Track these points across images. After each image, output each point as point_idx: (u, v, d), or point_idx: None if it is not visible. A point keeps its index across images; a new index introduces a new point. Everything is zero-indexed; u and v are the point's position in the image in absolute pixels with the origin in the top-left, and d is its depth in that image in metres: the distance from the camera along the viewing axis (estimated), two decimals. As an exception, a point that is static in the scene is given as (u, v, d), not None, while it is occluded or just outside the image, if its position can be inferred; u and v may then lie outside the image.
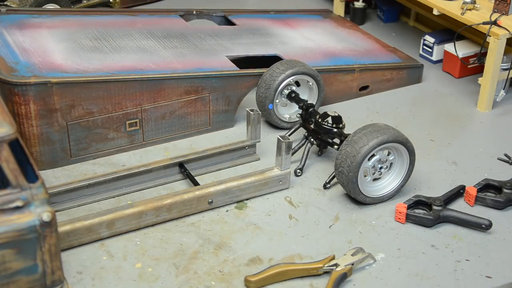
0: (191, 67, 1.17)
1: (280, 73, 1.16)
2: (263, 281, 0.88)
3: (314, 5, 1.73)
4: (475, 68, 1.41)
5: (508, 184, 1.05)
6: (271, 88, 1.16)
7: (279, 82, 1.16)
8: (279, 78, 1.16)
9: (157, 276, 0.90)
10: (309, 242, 0.97)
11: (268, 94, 1.17)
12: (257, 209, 1.03)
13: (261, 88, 1.18)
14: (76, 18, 1.30)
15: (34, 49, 1.15)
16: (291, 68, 1.17)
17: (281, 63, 1.18)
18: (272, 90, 1.16)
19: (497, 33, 1.26)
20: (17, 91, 1.03)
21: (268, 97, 1.17)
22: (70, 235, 0.92)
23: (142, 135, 1.15)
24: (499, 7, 1.31)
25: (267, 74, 1.18)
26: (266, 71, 1.18)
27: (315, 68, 1.23)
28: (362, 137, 0.97)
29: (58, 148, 1.09)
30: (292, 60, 1.20)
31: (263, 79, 1.18)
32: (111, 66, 1.13)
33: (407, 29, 1.65)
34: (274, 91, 1.17)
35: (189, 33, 1.31)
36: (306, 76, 1.19)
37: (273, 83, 1.16)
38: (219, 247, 0.95)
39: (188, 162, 1.09)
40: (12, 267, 0.76)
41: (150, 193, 1.05)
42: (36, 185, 0.75)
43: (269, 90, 1.17)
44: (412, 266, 0.93)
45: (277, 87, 1.17)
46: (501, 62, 1.28)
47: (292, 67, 1.17)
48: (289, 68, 1.17)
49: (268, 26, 1.42)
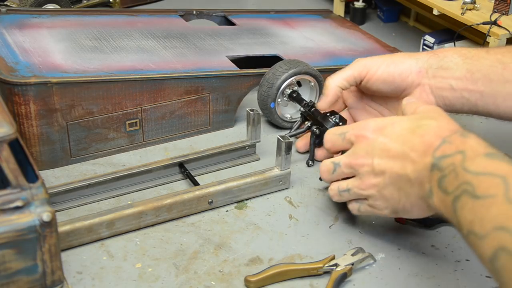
0: (191, 67, 1.17)
1: (282, 72, 1.16)
2: (263, 281, 0.88)
3: (314, 5, 1.73)
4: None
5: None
6: (274, 87, 1.16)
7: (281, 81, 1.16)
8: (281, 77, 1.16)
9: (157, 276, 0.90)
10: (309, 242, 0.97)
11: (271, 93, 1.17)
12: (257, 209, 1.03)
13: (263, 86, 1.18)
14: (76, 18, 1.30)
15: (34, 49, 1.14)
16: (293, 67, 1.17)
17: (283, 63, 1.18)
18: (274, 89, 1.16)
19: (497, 33, 1.26)
20: (17, 91, 1.03)
21: (270, 96, 1.17)
22: (70, 235, 0.92)
23: (142, 135, 1.15)
24: (499, 7, 1.31)
25: (269, 73, 1.18)
26: (269, 70, 1.18)
27: (315, 68, 1.23)
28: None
29: (58, 148, 1.09)
30: (294, 60, 1.19)
31: (265, 78, 1.18)
32: (111, 66, 1.13)
33: (407, 29, 1.65)
34: (276, 90, 1.17)
35: (189, 33, 1.31)
36: (308, 75, 1.19)
37: (276, 82, 1.16)
38: (219, 247, 0.95)
39: (188, 162, 1.09)
40: (12, 267, 0.76)
41: (150, 193, 1.05)
42: (36, 185, 0.75)
43: (271, 89, 1.16)
44: (412, 266, 0.93)
45: (279, 86, 1.16)
46: (501, 62, 1.28)
47: (295, 67, 1.17)
48: (292, 68, 1.17)
49: (268, 26, 1.42)
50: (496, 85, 1.00)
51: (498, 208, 0.68)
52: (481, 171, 0.74)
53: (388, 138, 0.87)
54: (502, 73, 0.99)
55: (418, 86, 1.04)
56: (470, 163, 0.75)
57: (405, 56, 1.06)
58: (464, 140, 0.80)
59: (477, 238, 0.70)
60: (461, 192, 0.74)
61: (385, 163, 0.87)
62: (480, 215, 0.70)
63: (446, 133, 0.82)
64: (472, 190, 0.72)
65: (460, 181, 0.75)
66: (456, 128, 0.83)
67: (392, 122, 0.89)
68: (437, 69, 1.03)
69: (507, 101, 1.00)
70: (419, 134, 0.84)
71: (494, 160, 0.75)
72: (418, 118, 0.87)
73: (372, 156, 0.88)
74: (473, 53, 1.03)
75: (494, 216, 0.68)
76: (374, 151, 0.88)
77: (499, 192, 0.69)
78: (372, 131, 0.89)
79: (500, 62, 1.00)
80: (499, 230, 0.67)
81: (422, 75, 1.04)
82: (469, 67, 1.01)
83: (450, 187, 0.76)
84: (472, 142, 0.79)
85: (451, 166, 0.77)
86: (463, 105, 1.03)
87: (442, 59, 1.03)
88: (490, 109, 1.02)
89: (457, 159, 0.77)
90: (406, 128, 0.86)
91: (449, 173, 0.77)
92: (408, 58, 1.05)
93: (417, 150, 0.83)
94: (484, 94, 1.00)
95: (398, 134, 0.87)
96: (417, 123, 0.86)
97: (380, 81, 1.05)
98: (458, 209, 0.74)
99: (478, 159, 0.75)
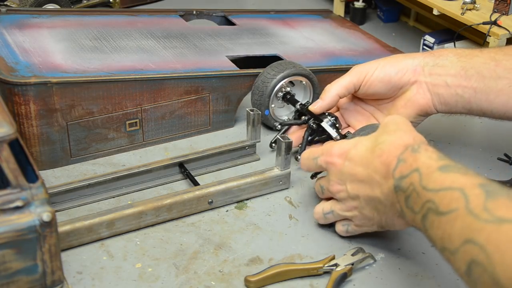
0: (191, 67, 1.17)
1: (271, 78, 1.15)
2: (263, 281, 0.88)
3: (314, 5, 1.73)
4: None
5: (508, 184, 1.05)
6: (265, 94, 1.15)
7: (271, 88, 1.15)
8: (271, 83, 1.15)
9: (157, 276, 0.90)
10: (309, 242, 0.96)
11: (263, 100, 1.16)
12: (257, 209, 1.03)
13: (255, 95, 1.17)
14: (76, 18, 1.30)
15: (34, 49, 1.14)
16: (281, 71, 1.15)
17: (271, 67, 1.17)
18: (266, 96, 1.15)
19: (497, 33, 1.26)
20: (17, 91, 1.03)
21: (263, 104, 1.16)
22: (70, 235, 0.92)
23: (142, 135, 1.15)
24: (499, 7, 1.31)
25: (259, 81, 1.16)
26: (258, 76, 1.17)
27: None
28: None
29: (58, 148, 1.09)
30: (283, 62, 1.18)
31: (255, 86, 1.17)
32: (111, 66, 1.13)
33: (407, 29, 1.65)
34: (268, 97, 1.15)
35: (189, 33, 1.31)
36: (298, 76, 1.17)
37: (266, 89, 1.15)
38: (219, 247, 0.95)
39: (188, 162, 1.09)
40: (12, 267, 0.76)
41: (150, 193, 1.05)
42: (36, 185, 0.75)
43: (262, 96, 1.15)
44: (412, 266, 0.93)
45: (270, 93, 1.15)
46: (501, 62, 1.28)
47: (283, 70, 1.16)
48: (280, 72, 1.15)
49: (268, 26, 1.42)
50: (489, 81, 1.01)
51: (462, 221, 0.69)
52: (439, 187, 0.74)
53: (353, 162, 0.88)
54: (494, 70, 1.01)
55: (414, 83, 1.05)
56: (427, 181, 0.76)
57: (401, 57, 1.08)
58: (415, 156, 0.80)
59: (450, 253, 0.71)
60: (426, 210, 0.75)
61: (357, 187, 0.88)
62: (448, 231, 0.71)
63: (399, 150, 0.82)
64: (435, 207, 0.74)
65: (423, 200, 0.76)
66: (409, 142, 0.83)
67: (355, 144, 0.89)
68: (433, 67, 1.04)
69: (500, 97, 1.01)
70: (377, 154, 0.85)
71: (448, 173, 0.75)
72: (377, 135, 0.88)
73: (344, 182, 0.89)
74: (468, 52, 1.05)
75: (459, 230, 0.69)
76: (344, 176, 0.89)
77: (460, 205, 0.70)
78: (338, 156, 0.90)
79: (493, 59, 1.02)
80: (467, 244, 0.67)
81: (418, 72, 1.05)
82: (463, 65, 1.03)
83: (415, 206, 0.78)
84: (424, 158, 0.79)
85: (411, 186, 0.78)
86: (457, 102, 1.03)
87: (438, 58, 1.05)
88: (483, 107, 1.02)
89: (415, 179, 0.78)
90: (366, 149, 0.87)
91: (411, 193, 0.78)
92: (404, 58, 1.07)
93: (379, 172, 0.84)
94: (477, 90, 1.01)
95: (360, 156, 0.87)
96: (375, 141, 0.86)
97: (377, 82, 1.05)
98: (428, 228, 0.75)
99: (433, 175, 0.76)
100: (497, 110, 1.02)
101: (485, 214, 0.68)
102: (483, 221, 0.67)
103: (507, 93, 1.00)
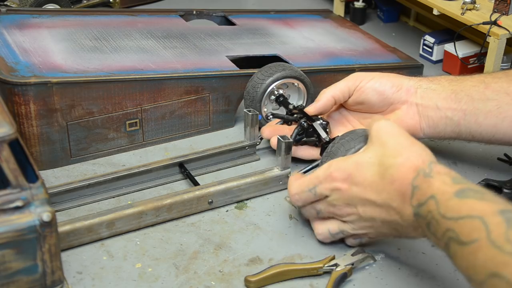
0: (191, 67, 1.17)
1: (260, 83, 1.14)
2: (263, 281, 0.88)
3: (314, 5, 1.73)
4: (475, 68, 1.41)
5: (508, 184, 1.04)
6: (255, 100, 1.15)
7: (261, 93, 1.14)
8: (260, 88, 1.14)
9: (157, 276, 0.90)
10: (309, 242, 0.96)
11: (254, 106, 1.15)
12: (257, 209, 1.03)
13: (246, 101, 1.16)
14: (76, 18, 1.30)
15: (34, 49, 1.14)
16: (270, 76, 1.15)
17: (261, 72, 1.16)
18: (256, 101, 1.15)
19: (497, 33, 1.26)
20: (17, 91, 1.03)
21: (255, 109, 1.15)
22: (70, 235, 0.92)
23: (142, 135, 1.15)
24: (499, 7, 1.31)
25: (249, 86, 1.16)
26: (248, 81, 1.17)
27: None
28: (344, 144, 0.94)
29: (58, 148, 1.09)
30: (272, 65, 1.17)
31: (246, 91, 1.16)
32: (111, 66, 1.13)
33: (407, 29, 1.65)
34: (259, 102, 1.15)
35: (189, 33, 1.31)
36: (288, 79, 1.16)
37: (256, 95, 1.14)
38: (219, 247, 0.95)
39: (188, 162, 1.09)
40: (12, 267, 0.76)
41: (150, 193, 1.05)
42: (36, 185, 0.75)
43: (253, 102, 1.15)
44: (412, 266, 0.93)
45: (261, 98, 1.15)
46: (501, 62, 1.28)
47: (272, 74, 1.15)
48: (268, 76, 1.15)
49: (268, 26, 1.42)
50: (478, 103, 1.03)
51: (485, 253, 0.69)
52: (458, 216, 0.73)
53: (361, 186, 0.86)
54: (484, 92, 1.03)
55: (405, 103, 1.07)
56: (445, 209, 0.75)
57: (399, 75, 1.10)
58: (429, 182, 0.79)
59: (477, 284, 0.70)
60: (448, 239, 0.74)
61: (371, 210, 0.86)
62: (472, 262, 0.70)
63: (411, 175, 0.81)
64: (457, 236, 0.73)
65: (443, 228, 0.75)
66: (418, 164, 0.82)
67: (355, 166, 0.87)
68: (426, 90, 1.06)
69: (489, 119, 1.03)
70: (388, 181, 0.83)
71: (466, 200, 0.74)
72: (379, 156, 0.85)
73: (354, 205, 0.88)
74: (459, 77, 1.08)
75: (483, 262, 0.68)
76: (354, 200, 0.87)
77: (482, 235, 0.69)
78: (341, 181, 0.87)
79: (482, 82, 1.04)
80: (493, 278, 0.67)
81: (411, 93, 1.07)
82: (454, 88, 1.05)
83: (437, 233, 0.77)
84: (438, 183, 0.78)
85: (429, 214, 0.77)
86: (446, 125, 1.05)
87: (431, 82, 1.08)
88: (472, 129, 1.04)
89: (432, 206, 0.77)
90: (373, 173, 0.85)
91: (430, 220, 0.77)
92: (401, 77, 1.09)
93: (395, 200, 0.83)
94: (466, 112, 1.03)
95: (369, 182, 0.85)
96: (382, 165, 0.84)
97: (371, 90, 1.07)
98: (452, 256, 0.75)
99: (451, 203, 0.75)
100: (486, 132, 1.04)
101: (508, 246, 0.67)
102: (508, 254, 0.66)
103: (495, 115, 1.02)
